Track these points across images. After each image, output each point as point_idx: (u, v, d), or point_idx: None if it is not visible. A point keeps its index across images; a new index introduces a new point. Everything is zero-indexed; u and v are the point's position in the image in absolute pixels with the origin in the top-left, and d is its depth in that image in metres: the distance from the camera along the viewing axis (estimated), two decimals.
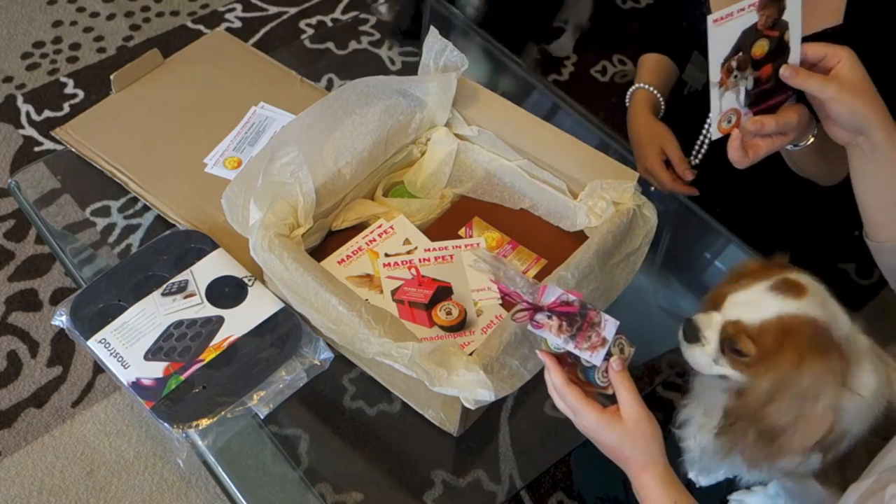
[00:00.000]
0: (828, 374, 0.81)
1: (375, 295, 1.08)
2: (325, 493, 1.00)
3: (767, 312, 0.83)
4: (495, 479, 1.02)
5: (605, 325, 0.79)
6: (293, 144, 1.09)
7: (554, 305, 0.80)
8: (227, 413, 1.01)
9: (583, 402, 0.81)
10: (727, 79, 0.86)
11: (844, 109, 0.83)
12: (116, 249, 1.22)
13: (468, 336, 1.06)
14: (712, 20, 0.82)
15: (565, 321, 0.80)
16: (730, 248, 1.23)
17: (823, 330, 0.83)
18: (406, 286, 1.07)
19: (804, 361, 0.81)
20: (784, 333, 0.82)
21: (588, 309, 0.80)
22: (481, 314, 1.09)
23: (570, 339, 0.79)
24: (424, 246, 1.14)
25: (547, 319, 0.80)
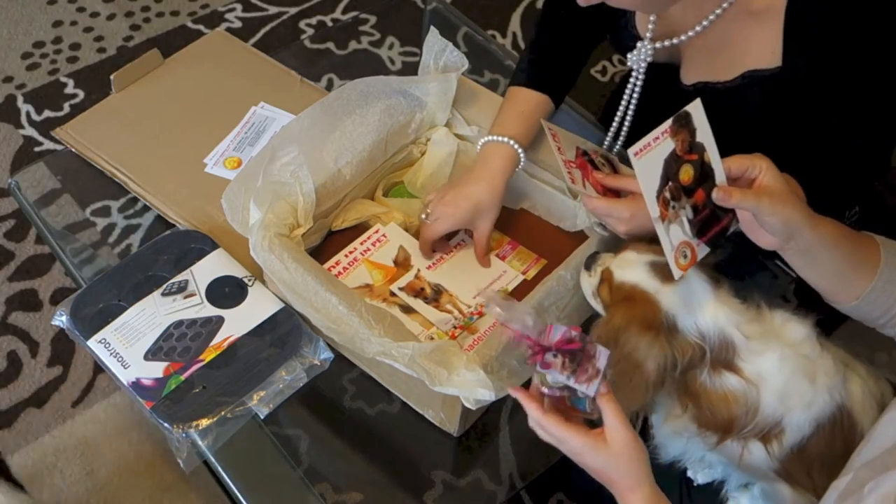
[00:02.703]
0: (649, 352, 0.89)
1: (378, 304, 1.08)
2: (325, 493, 1.00)
3: (630, 277, 0.93)
4: (495, 479, 1.02)
5: (599, 356, 0.81)
6: (293, 144, 1.09)
7: (560, 344, 0.82)
8: (227, 413, 1.01)
9: (565, 428, 0.82)
10: (667, 211, 0.85)
11: (778, 220, 0.83)
12: (116, 249, 1.22)
13: (469, 336, 1.06)
14: (632, 153, 0.83)
15: (568, 357, 0.81)
16: None
17: (663, 316, 0.90)
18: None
19: (628, 329, 0.90)
20: (628, 299, 0.92)
21: (587, 342, 0.82)
22: (483, 315, 1.09)
23: (571, 374, 0.81)
24: (419, 254, 1.14)
25: (553, 358, 0.81)
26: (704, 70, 1.10)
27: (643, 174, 0.83)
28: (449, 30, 1.49)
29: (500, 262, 1.16)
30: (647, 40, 1.10)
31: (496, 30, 2.38)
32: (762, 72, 1.04)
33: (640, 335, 0.89)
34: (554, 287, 1.00)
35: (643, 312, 0.90)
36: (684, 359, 0.90)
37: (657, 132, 0.84)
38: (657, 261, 0.92)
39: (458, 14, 1.58)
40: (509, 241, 1.18)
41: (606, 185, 1.05)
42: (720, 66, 1.08)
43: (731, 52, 1.06)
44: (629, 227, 1.01)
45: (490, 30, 2.37)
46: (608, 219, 1.03)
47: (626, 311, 0.91)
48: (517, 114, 1.15)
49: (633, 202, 1.00)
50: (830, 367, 0.93)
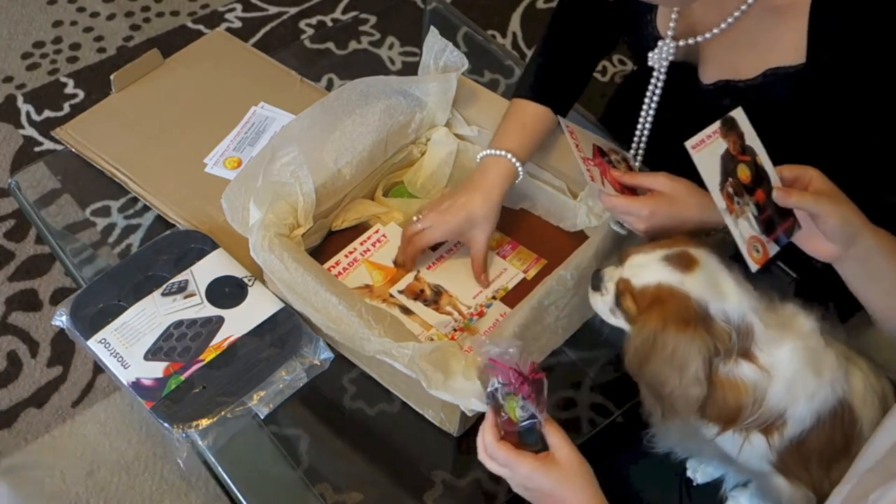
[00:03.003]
0: (692, 344, 0.86)
1: (378, 304, 1.08)
2: (325, 493, 1.00)
3: (650, 278, 0.90)
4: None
5: (544, 385, 0.84)
6: (293, 144, 1.09)
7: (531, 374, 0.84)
8: (227, 413, 1.01)
9: (515, 454, 0.84)
10: (732, 205, 0.85)
11: (838, 221, 0.82)
12: (116, 249, 1.22)
13: (470, 337, 1.06)
14: (690, 146, 0.83)
15: (536, 389, 0.84)
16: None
17: (695, 305, 0.87)
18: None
19: (665, 328, 0.87)
20: (656, 300, 0.89)
21: (539, 371, 0.84)
22: (484, 315, 1.09)
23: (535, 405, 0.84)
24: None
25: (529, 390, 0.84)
26: (725, 68, 1.10)
27: (703, 167, 0.84)
28: (449, 30, 1.49)
29: (500, 261, 1.16)
30: (669, 38, 1.10)
31: (496, 30, 2.38)
32: (785, 69, 1.03)
33: (679, 333, 0.87)
34: (554, 287, 1.00)
35: (675, 308, 0.88)
36: (724, 346, 0.88)
37: (710, 130, 0.85)
38: (669, 253, 0.91)
39: (458, 14, 1.58)
40: (509, 241, 1.18)
41: (624, 183, 1.03)
42: (741, 63, 1.07)
43: (753, 49, 1.06)
44: (649, 225, 0.99)
45: (490, 30, 2.37)
46: (627, 217, 1.01)
47: (659, 312, 0.88)
48: (520, 126, 1.14)
49: (652, 199, 0.99)
50: (833, 360, 0.93)
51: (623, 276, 0.93)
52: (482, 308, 1.10)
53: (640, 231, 1.01)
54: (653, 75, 1.13)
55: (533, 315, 0.98)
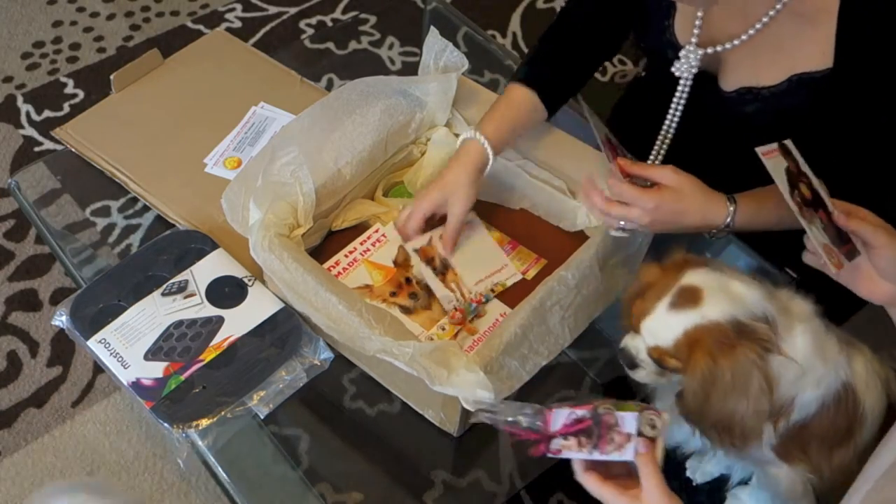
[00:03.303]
0: (745, 361, 0.85)
1: (378, 304, 1.08)
2: (325, 493, 1.00)
3: (675, 331, 0.88)
4: (495, 479, 1.02)
5: (623, 421, 0.79)
6: (293, 144, 1.09)
7: (566, 429, 0.80)
8: (227, 413, 1.01)
9: (602, 487, 0.81)
10: (804, 210, 0.85)
11: (892, 253, 0.82)
12: (116, 249, 1.22)
13: (469, 337, 1.06)
14: (761, 153, 0.84)
15: (583, 436, 0.80)
16: (730, 247, 1.22)
17: (728, 326, 0.86)
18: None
19: (717, 361, 0.85)
20: (693, 344, 0.87)
21: (601, 415, 0.80)
22: (484, 315, 1.09)
23: (593, 449, 0.79)
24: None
25: (564, 441, 0.80)
26: (747, 75, 1.09)
27: (774, 173, 0.85)
28: (449, 30, 1.49)
29: (502, 256, 1.15)
30: (693, 45, 1.09)
31: (496, 30, 2.38)
32: (811, 74, 1.03)
33: (729, 358, 0.85)
34: (555, 287, 1.00)
35: (713, 340, 0.87)
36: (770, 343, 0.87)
37: (773, 145, 0.87)
38: (671, 299, 0.89)
39: (458, 14, 1.58)
40: (509, 241, 1.18)
41: (631, 173, 1.01)
42: (765, 69, 1.07)
43: (777, 55, 1.05)
44: (652, 219, 0.98)
45: (490, 30, 2.36)
46: (631, 209, 0.99)
47: (702, 352, 0.87)
48: (504, 110, 1.14)
49: (658, 193, 0.98)
50: (835, 344, 0.93)
51: (649, 344, 0.91)
52: (480, 297, 1.09)
53: (643, 224, 1.00)
54: (678, 85, 1.12)
55: (535, 315, 0.98)
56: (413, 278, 1.12)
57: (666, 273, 0.93)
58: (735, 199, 1.01)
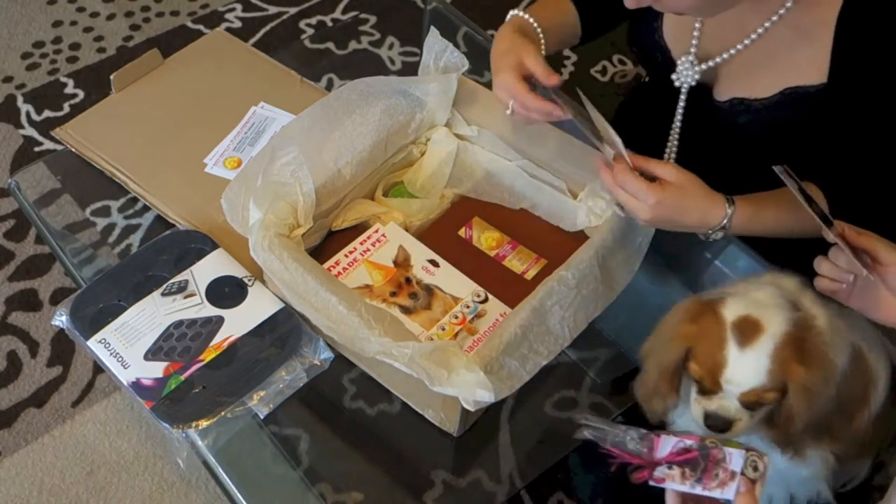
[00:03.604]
0: (832, 350, 0.85)
1: (378, 304, 1.08)
2: (325, 493, 1.00)
3: (763, 363, 0.86)
4: (495, 479, 1.02)
5: (731, 458, 0.78)
6: (293, 144, 1.09)
7: (672, 457, 0.79)
8: (227, 413, 1.01)
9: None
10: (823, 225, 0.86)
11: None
12: (116, 249, 1.22)
13: (470, 337, 1.06)
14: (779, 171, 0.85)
15: (688, 468, 0.79)
16: (730, 247, 1.22)
17: (793, 329, 0.86)
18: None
19: (815, 364, 0.84)
20: (784, 364, 0.85)
21: (709, 448, 0.79)
22: (485, 315, 1.09)
23: (696, 482, 0.78)
24: (420, 254, 1.14)
25: (667, 471, 0.79)
26: (740, 86, 1.09)
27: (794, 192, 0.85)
28: (449, 30, 1.49)
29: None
30: (693, 56, 1.09)
31: (496, 30, 2.37)
32: (805, 88, 1.02)
33: (823, 360, 0.85)
34: (555, 287, 1.00)
35: (796, 350, 0.86)
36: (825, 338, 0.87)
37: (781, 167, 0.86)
38: (735, 340, 0.87)
39: (458, 14, 1.58)
40: (509, 241, 1.18)
41: (636, 165, 1.00)
42: (758, 81, 1.06)
43: (772, 67, 1.05)
44: (652, 216, 0.97)
45: (490, 30, 2.35)
46: (633, 201, 0.98)
47: (797, 369, 0.85)
48: (553, 13, 1.17)
49: (661, 188, 0.97)
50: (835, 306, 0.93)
51: (742, 391, 0.87)
52: (484, 308, 1.09)
53: (642, 220, 0.99)
54: (680, 97, 1.12)
55: (535, 316, 0.98)
56: (413, 278, 1.12)
57: (700, 323, 0.90)
58: (734, 201, 1.01)
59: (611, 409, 1.08)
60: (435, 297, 1.10)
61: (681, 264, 1.25)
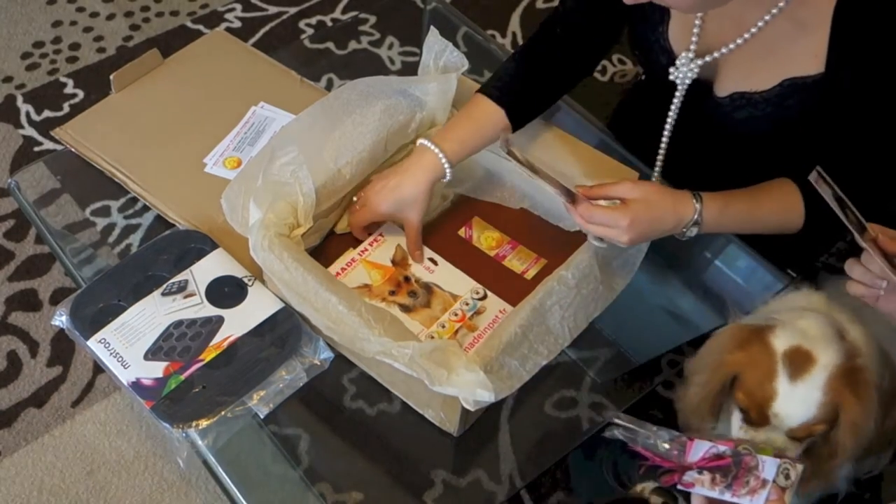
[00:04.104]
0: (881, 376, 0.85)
1: (377, 304, 1.08)
2: (325, 493, 1.00)
3: (812, 401, 0.84)
4: (495, 479, 1.02)
5: (764, 466, 0.77)
6: (293, 144, 1.09)
7: (703, 463, 0.78)
8: (227, 413, 1.01)
9: None
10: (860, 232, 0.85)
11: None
12: (116, 249, 1.22)
13: (470, 334, 1.06)
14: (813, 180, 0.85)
15: (719, 474, 0.78)
16: (730, 247, 1.23)
17: (844, 358, 0.85)
18: None
19: (866, 395, 0.84)
20: (835, 403, 0.84)
21: (742, 455, 0.78)
22: (484, 311, 1.09)
23: (725, 489, 0.77)
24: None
25: (697, 476, 0.78)
26: (740, 80, 1.09)
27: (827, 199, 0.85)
28: (449, 30, 1.49)
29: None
30: (692, 53, 1.09)
31: (496, 30, 2.38)
32: (803, 79, 1.03)
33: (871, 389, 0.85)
34: (555, 287, 1.00)
35: (848, 381, 0.85)
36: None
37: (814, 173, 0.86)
38: (787, 371, 0.86)
39: (458, 14, 1.58)
40: (509, 240, 1.18)
41: (592, 196, 1.02)
42: (757, 74, 1.07)
43: (770, 60, 1.05)
44: (632, 235, 0.99)
45: (490, 30, 2.36)
46: (608, 230, 1.00)
47: (850, 401, 0.84)
48: (467, 122, 1.13)
49: (629, 208, 0.99)
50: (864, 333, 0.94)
51: (792, 425, 0.86)
52: (483, 305, 1.09)
53: (623, 243, 1.00)
54: (676, 91, 1.13)
55: (535, 315, 0.98)
56: (412, 276, 1.12)
57: (748, 352, 0.89)
58: (700, 196, 1.03)
59: (611, 409, 1.08)
60: (434, 294, 1.10)
61: (681, 264, 1.25)
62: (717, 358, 0.91)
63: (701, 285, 1.25)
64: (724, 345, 0.92)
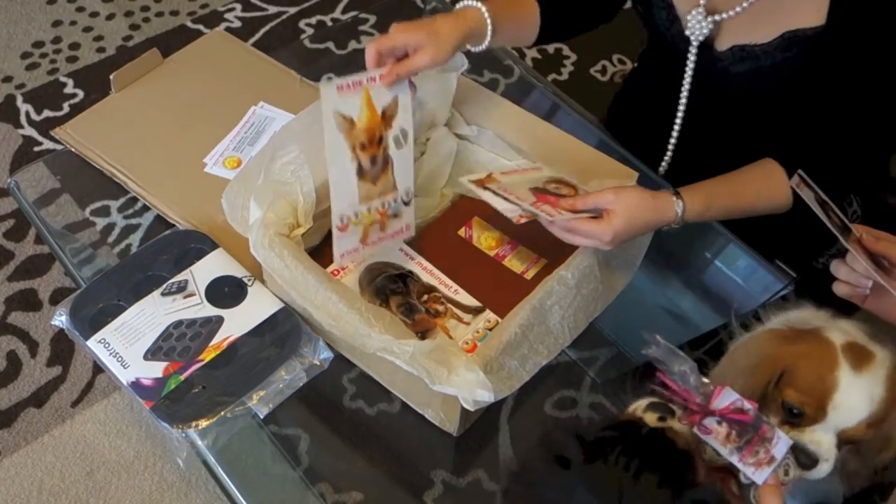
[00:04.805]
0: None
1: (349, 150, 1.05)
2: (325, 493, 1.00)
3: (875, 396, 0.81)
4: (495, 478, 1.02)
5: (777, 442, 0.75)
6: (294, 144, 1.09)
7: (726, 411, 0.76)
8: (227, 413, 1.01)
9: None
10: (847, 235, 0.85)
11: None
12: (116, 249, 1.22)
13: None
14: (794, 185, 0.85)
15: (735, 430, 0.76)
16: (730, 247, 1.23)
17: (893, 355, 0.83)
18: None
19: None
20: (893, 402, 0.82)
21: (762, 422, 0.76)
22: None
23: (735, 450, 0.75)
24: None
25: (716, 425, 0.76)
26: (741, 33, 1.10)
27: (809, 203, 0.84)
28: None
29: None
30: (702, 9, 1.09)
31: None
32: (804, 31, 1.04)
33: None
34: (555, 287, 1.00)
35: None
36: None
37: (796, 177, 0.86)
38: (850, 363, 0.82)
39: None
40: (509, 240, 1.18)
41: (576, 209, 1.00)
42: (758, 28, 1.07)
43: (773, 14, 1.06)
44: (614, 244, 0.98)
45: None
46: (594, 242, 0.99)
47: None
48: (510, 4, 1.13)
49: (609, 222, 0.97)
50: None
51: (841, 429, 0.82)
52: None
53: (608, 249, 1.00)
54: (690, 48, 1.13)
55: (534, 315, 0.98)
56: (385, 141, 1.07)
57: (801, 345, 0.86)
58: (679, 192, 1.03)
59: (611, 409, 1.08)
60: (385, 172, 1.07)
61: (681, 264, 1.25)
62: (767, 352, 0.86)
63: (701, 285, 1.24)
64: (767, 343, 0.88)
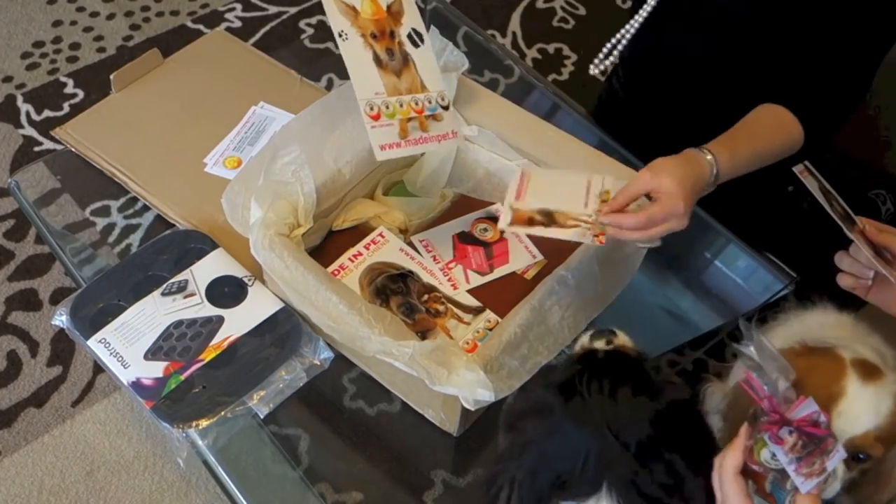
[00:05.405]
0: None
1: (356, 38, 1.05)
2: (325, 493, 1.00)
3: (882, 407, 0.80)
4: None
5: (834, 455, 0.73)
6: (294, 144, 1.09)
7: (801, 423, 0.74)
8: (227, 413, 1.01)
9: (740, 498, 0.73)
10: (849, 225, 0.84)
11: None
12: (116, 249, 1.22)
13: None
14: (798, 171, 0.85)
15: (802, 441, 0.74)
16: (730, 247, 1.23)
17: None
18: None
19: None
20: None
21: (827, 436, 0.74)
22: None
23: (795, 460, 0.73)
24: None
25: (787, 436, 0.74)
26: None
27: (813, 191, 0.84)
28: (449, 30, 1.49)
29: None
30: None
31: (496, 30, 2.38)
32: None
33: None
34: (555, 287, 1.00)
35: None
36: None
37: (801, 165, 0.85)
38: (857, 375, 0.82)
39: (458, 14, 1.58)
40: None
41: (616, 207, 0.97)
42: None
43: None
44: (689, 212, 0.95)
45: (490, 30, 2.37)
46: (666, 226, 0.95)
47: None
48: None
49: (671, 194, 0.93)
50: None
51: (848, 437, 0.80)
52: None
53: (682, 227, 0.96)
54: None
55: (534, 315, 0.98)
56: (398, 36, 1.07)
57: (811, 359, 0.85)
58: (707, 149, 1.00)
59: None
60: (408, 68, 1.06)
61: (681, 264, 1.25)
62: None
63: (701, 285, 1.25)
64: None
